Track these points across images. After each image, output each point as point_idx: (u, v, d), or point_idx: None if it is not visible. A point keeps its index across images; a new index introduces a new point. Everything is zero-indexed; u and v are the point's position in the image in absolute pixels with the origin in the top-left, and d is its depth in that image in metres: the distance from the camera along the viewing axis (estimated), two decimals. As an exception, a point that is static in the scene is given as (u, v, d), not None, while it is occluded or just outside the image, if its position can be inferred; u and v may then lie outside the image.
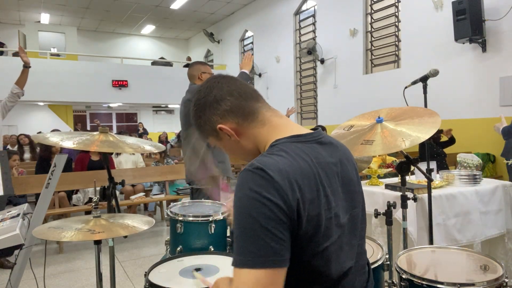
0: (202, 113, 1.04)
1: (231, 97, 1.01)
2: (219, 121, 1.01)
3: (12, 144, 8.97)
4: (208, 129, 1.04)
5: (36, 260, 3.92)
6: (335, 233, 0.92)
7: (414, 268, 1.46)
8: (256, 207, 0.82)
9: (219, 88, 1.02)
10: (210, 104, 1.02)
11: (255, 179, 0.84)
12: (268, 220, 0.81)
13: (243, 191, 0.84)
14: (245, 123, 1.01)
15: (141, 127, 13.54)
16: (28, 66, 3.14)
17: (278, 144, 0.95)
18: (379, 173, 3.00)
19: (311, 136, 0.99)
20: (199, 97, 1.04)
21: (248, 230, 0.81)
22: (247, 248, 0.81)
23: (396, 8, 7.46)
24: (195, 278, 1.39)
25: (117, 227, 1.58)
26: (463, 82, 6.13)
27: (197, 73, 3.02)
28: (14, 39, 12.86)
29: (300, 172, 0.87)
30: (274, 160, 0.87)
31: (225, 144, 1.06)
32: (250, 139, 1.02)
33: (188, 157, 3.00)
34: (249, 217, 0.81)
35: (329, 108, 9.03)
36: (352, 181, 1.02)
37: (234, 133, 1.01)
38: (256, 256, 0.80)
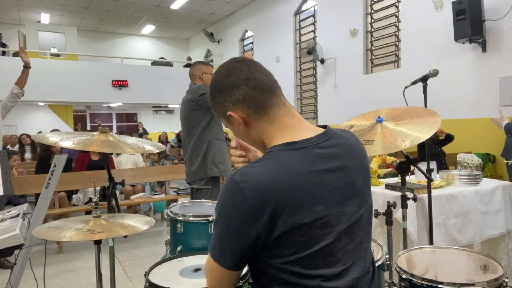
0: (216, 95, 1.04)
1: (246, 87, 0.99)
2: (230, 107, 1.01)
3: (12, 144, 8.96)
4: (220, 112, 1.06)
5: (36, 260, 3.92)
6: (323, 240, 0.92)
7: (414, 268, 1.46)
8: (228, 217, 0.91)
9: (237, 74, 1.00)
10: (224, 89, 1.01)
11: (233, 192, 0.90)
12: (235, 228, 0.91)
13: (222, 196, 0.93)
14: (255, 116, 1.01)
15: (140, 127, 13.55)
16: (28, 67, 3.15)
17: (271, 152, 0.96)
18: (379, 173, 3.01)
19: (310, 141, 0.97)
20: (216, 79, 1.04)
21: (218, 231, 0.94)
22: (214, 242, 0.96)
23: (396, 8, 7.46)
24: (195, 278, 1.39)
25: (117, 227, 1.58)
26: (463, 82, 6.13)
27: (199, 73, 3.02)
28: (14, 39, 12.86)
29: (281, 185, 0.89)
30: (256, 173, 0.90)
31: (235, 130, 1.08)
32: (257, 132, 1.03)
33: (188, 157, 3.00)
34: (220, 222, 0.94)
35: (329, 108, 9.03)
36: (354, 185, 0.99)
37: (242, 122, 1.01)
38: (216, 251, 0.96)
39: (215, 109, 1.07)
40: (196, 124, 2.91)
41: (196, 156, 2.93)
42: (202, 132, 2.89)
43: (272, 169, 0.90)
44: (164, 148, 2.05)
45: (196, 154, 2.94)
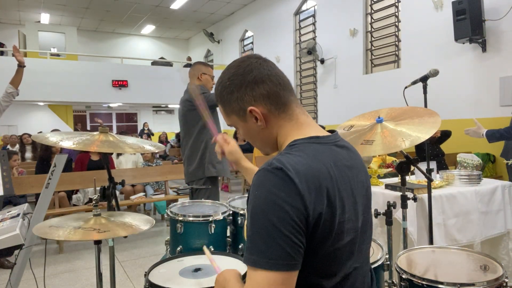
0: (236, 89, 0.99)
1: (271, 83, 0.98)
2: (251, 102, 0.98)
3: (12, 144, 8.97)
4: (235, 107, 1.00)
5: (36, 260, 3.92)
6: (346, 237, 0.91)
7: (414, 268, 1.45)
8: (273, 210, 0.81)
9: (260, 70, 0.99)
10: (248, 83, 0.98)
11: (274, 180, 0.83)
12: (284, 224, 0.81)
13: (261, 192, 0.84)
14: (276, 112, 0.99)
15: (146, 127, 13.56)
16: (23, 66, 3.12)
17: (296, 144, 0.94)
18: (379, 173, 3.00)
19: (329, 138, 0.98)
20: (237, 72, 0.99)
21: (264, 232, 0.81)
22: (261, 249, 0.81)
23: (396, 8, 7.46)
24: (195, 278, 1.39)
25: (117, 227, 1.58)
26: (463, 82, 6.13)
27: (198, 73, 3.02)
28: (14, 39, 12.86)
29: (318, 174, 0.86)
30: (293, 161, 0.86)
31: (247, 127, 1.02)
32: (274, 129, 1.01)
33: (187, 157, 3.00)
34: (266, 219, 0.81)
35: (329, 108, 9.03)
36: (364, 186, 1.01)
37: (263, 118, 0.99)
38: (270, 259, 0.80)
39: (230, 104, 1.01)
40: (193, 124, 2.92)
41: (194, 156, 2.94)
42: (200, 132, 2.90)
43: (304, 158, 0.88)
44: (163, 148, 2.05)
45: (194, 154, 2.94)
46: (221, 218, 1.91)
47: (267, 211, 0.82)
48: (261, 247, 0.81)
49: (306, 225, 0.83)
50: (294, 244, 0.82)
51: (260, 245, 0.82)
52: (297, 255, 0.82)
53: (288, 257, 0.81)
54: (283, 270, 0.80)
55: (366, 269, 1.04)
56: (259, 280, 0.80)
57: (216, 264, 1.25)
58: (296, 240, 0.82)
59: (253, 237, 0.83)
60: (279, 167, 0.84)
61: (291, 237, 0.81)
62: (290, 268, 0.81)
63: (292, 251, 0.81)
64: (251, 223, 0.84)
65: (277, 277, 0.80)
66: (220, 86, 1.03)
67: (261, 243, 0.81)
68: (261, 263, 0.81)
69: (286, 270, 0.81)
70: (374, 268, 1.40)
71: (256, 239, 0.82)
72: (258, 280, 0.81)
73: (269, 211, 0.81)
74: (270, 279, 0.80)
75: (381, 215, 1.97)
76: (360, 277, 0.99)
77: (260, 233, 0.82)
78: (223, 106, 1.04)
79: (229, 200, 2.15)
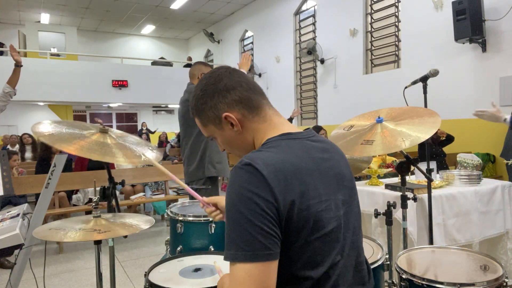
0: (209, 98, 1.03)
1: (241, 88, 1.03)
2: (225, 109, 1.02)
3: (12, 144, 8.97)
4: (211, 116, 1.04)
5: (36, 260, 3.92)
6: (328, 226, 0.93)
7: (414, 268, 1.45)
8: (244, 203, 0.85)
9: (230, 78, 1.04)
10: (219, 91, 1.02)
11: (243, 174, 0.87)
12: (256, 215, 0.84)
13: (233, 188, 0.88)
14: (250, 116, 1.03)
15: (144, 127, 13.55)
16: (19, 65, 3.10)
17: (269, 142, 0.98)
18: (379, 173, 3.00)
19: (301, 134, 1.02)
20: (208, 83, 1.04)
21: (237, 225, 0.84)
22: (237, 243, 0.84)
23: (396, 8, 7.46)
24: (195, 278, 1.39)
25: (117, 227, 1.58)
26: (463, 82, 6.13)
27: (198, 73, 3.03)
28: (14, 39, 12.86)
29: (287, 165, 0.90)
30: (262, 155, 0.90)
31: (224, 135, 1.06)
32: (250, 133, 1.04)
33: (186, 158, 3.00)
34: (238, 213, 0.85)
35: (329, 108, 9.03)
36: (345, 177, 1.04)
37: (238, 123, 1.02)
38: (246, 251, 0.83)
39: (205, 114, 1.05)
40: (193, 124, 2.91)
41: (194, 156, 2.94)
42: (200, 133, 2.90)
43: (276, 153, 0.92)
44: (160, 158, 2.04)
45: (193, 154, 2.94)
46: (221, 218, 1.90)
47: (239, 205, 0.85)
48: (237, 241, 0.84)
49: (278, 214, 0.86)
50: (267, 234, 0.84)
51: (235, 239, 0.84)
52: (272, 244, 0.84)
53: (263, 247, 0.83)
54: (260, 261, 0.82)
55: (359, 261, 1.04)
56: (239, 273, 0.82)
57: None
58: (268, 229, 0.84)
59: (229, 232, 0.86)
60: (248, 163, 0.88)
61: (263, 227, 0.84)
62: (267, 258, 0.83)
63: (266, 241, 0.83)
64: (226, 219, 0.87)
65: (255, 268, 0.82)
66: (194, 99, 1.07)
67: (235, 237, 0.84)
68: (238, 257, 0.83)
69: (263, 261, 0.83)
70: (374, 268, 1.40)
71: (231, 234, 0.85)
72: (238, 273, 0.83)
73: (240, 205, 0.85)
74: (249, 270, 0.82)
75: (381, 215, 1.97)
76: (349, 268, 1.00)
77: (234, 228, 0.85)
78: (199, 117, 1.07)
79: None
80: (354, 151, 1.81)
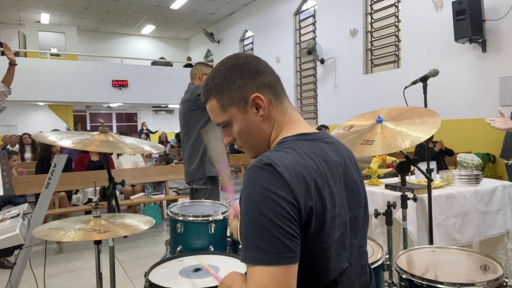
0: (239, 77, 0.97)
1: (270, 73, 1.01)
2: (254, 91, 0.97)
3: (12, 144, 8.97)
4: (236, 97, 0.97)
5: (36, 260, 3.92)
6: (337, 232, 0.92)
7: (414, 268, 1.45)
8: (267, 204, 0.81)
9: (258, 61, 1.01)
10: (250, 71, 0.98)
11: (265, 175, 0.84)
12: (280, 217, 0.81)
13: (253, 188, 0.84)
14: (275, 103, 1.00)
15: (145, 127, 13.56)
16: (14, 64, 3.08)
17: (285, 141, 0.95)
18: (379, 173, 3.00)
19: (317, 135, 1.00)
20: (237, 62, 0.99)
21: (260, 228, 0.81)
22: (259, 245, 0.80)
23: (396, 8, 7.46)
24: (195, 278, 1.39)
25: (117, 227, 1.58)
26: (463, 82, 6.13)
27: (199, 73, 3.03)
28: (14, 39, 12.86)
29: (307, 170, 0.87)
30: (282, 156, 0.87)
31: (246, 120, 0.99)
32: (271, 123, 1.00)
33: (187, 157, 3.00)
34: (261, 215, 0.81)
35: (329, 108, 9.03)
36: (355, 181, 1.02)
37: (267, 107, 0.98)
38: (270, 254, 0.80)
39: (231, 93, 0.97)
40: (194, 124, 2.92)
41: (194, 156, 2.94)
42: (200, 132, 2.90)
43: (294, 154, 0.89)
44: (163, 148, 2.05)
45: (194, 154, 2.94)
46: (221, 218, 1.91)
47: (261, 206, 0.81)
48: (260, 243, 0.80)
49: (299, 218, 0.83)
50: (291, 237, 0.81)
51: (258, 241, 0.81)
52: (295, 247, 0.82)
53: (287, 250, 0.80)
54: (284, 264, 0.80)
55: (362, 264, 1.04)
56: (262, 276, 0.79)
57: (213, 272, 1.27)
58: (293, 232, 0.82)
59: (250, 234, 0.82)
60: (268, 163, 0.85)
61: (288, 230, 0.81)
62: (290, 261, 0.81)
63: (290, 244, 0.81)
64: (246, 221, 0.83)
65: (279, 272, 0.79)
66: (217, 78, 0.99)
67: (259, 239, 0.81)
68: (262, 259, 0.80)
69: (287, 264, 0.80)
70: (374, 268, 1.40)
71: (253, 236, 0.82)
72: (260, 277, 0.79)
73: (263, 206, 0.81)
74: (272, 274, 0.79)
75: (381, 215, 1.96)
76: (356, 273, 1.00)
77: (257, 229, 0.81)
78: (221, 98, 0.99)
79: (229, 200, 2.15)
80: (354, 151, 1.81)
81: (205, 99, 1.03)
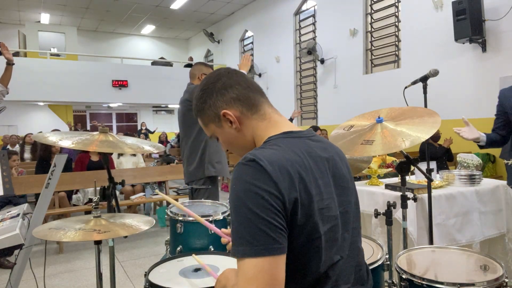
0: (208, 97, 1.06)
1: (239, 86, 1.05)
2: (223, 107, 1.04)
3: (12, 144, 8.97)
4: (211, 115, 1.06)
5: (36, 260, 3.92)
6: (327, 224, 0.94)
7: (414, 268, 1.45)
8: (251, 198, 0.85)
9: (228, 77, 1.06)
10: (218, 89, 1.05)
11: (248, 170, 0.88)
12: (263, 209, 0.84)
13: (238, 184, 0.88)
14: (248, 113, 1.04)
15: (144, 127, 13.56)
16: (11, 63, 3.06)
17: (271, 140, 0.99)
18: (379, 173, 3.00)
19: (302, 133, 1.03)
20: (207, 82, 1.07)
21: (245, 221, 0.84)
22: (246, 238, 0.83)
23: (396, 8, 7.46)
24: (195, 278, 1.39)
25: (117, 227, 1.58)
26: (463, 82, 6.13)
27: (198, 73, 3.03)
28: (14, 39, 12.86)
29: (290, 163, 0.90)
30: (265, 152, 0.91)
31: (224, 133, 1.07)
32: (249, 131, 1.05)
33: (186, 157, 3.00)
34: (245, 208, 0.84)
35: (329, 108, 9.03)
36: (344, 177, 1.04)
37: (237, 121, 1.03)
38: (255, 245, 0.82)
39: (205, 113, 1.07)
40: (193, 124, 2.92)
41: (194, 156, 2.94)
42: (199, 132, 2.90)
43: (278, 150, 0.93)
44: (163, 148, 2.05)
45: (193, 154, 2.94)
46: (221, 218, 1.91)
47: (246, 200, 0.85)
48: (246, 236, 0.83)
49: (284, 209, 0.86)
50: (276, 228, 0.84)
51: (244, 234, 0.83)
52: (281, 238, 0.84)
53: (272, 241, 0.83)
54: (270, 255, 0.82)
55: (357, 261, 1.05)
56: (249, 268, 0.82)
57: (210, 269, 1.28)
58: (277, 223, 0.84)
59: (237, 228, 0.85)
60: (252, 159, 0.88)
61: (272, 221, 0.84)
62: (276, 252, 0.83)
63: (275, 235, 0.83)
64: (233, 216, 0.87)
65: (266, 262, 0.82)
66: (195, 100, 1.10)
67: (244, 232, 0.83)
68: (248, 252, 0.82)
69: (273, 255, 0.82)
70: (374, 268, 1.40)
71: (239, 230, 0.85)
72: (247, 269, 0.82)
73: (247, 200, 0.85)
74: (259, 265, 0.81)
75: (381, 215, 1.97)
76: (350, 268, 1.01)
77: (242, 223, 0.84)
78: (201, 117, 1.09)
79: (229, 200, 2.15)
80: (354, 151, 1.81)
81: (195, 116, 1.14)
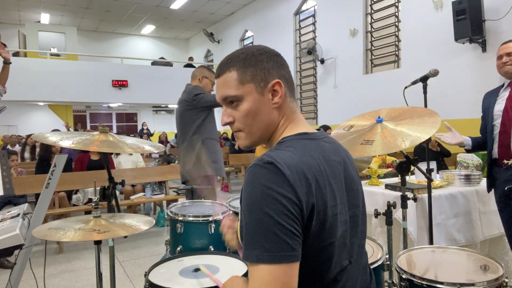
0: (266, 61, 0.98)
1: (289, 71, 1.04)
2: (276, 77, 0.98)
3: (12, 144, 8.97)
4: (259, 76, 0.97)
5: (36, 260, 3.92)
6: (339, 230, 0.92)
7: (414, 268, 1.45)
8: (269, 202, 0.81)
9: (283, 59, 1.04)
10: (276, 61, 1.00)
11: (266, 174, 0.84)
12: (282, 216, 0.81)
13: (254, 187, 0.84)
14: (289, 98, 1.02)
15: (145, 126, 13.57)
16: (8, 62, 3.05)
17: (286, 140, 0.96)
18: (379, 173, 3.00)
19: (316, 135, 1.01)
20: (267, 50, 1.01)
21: (261, 226, 0.81)
22: (261, 243, 0.80)
23: (396, 8, 7.46)
24: (195, 278, 1.39)
25: (117, 227, 1.57)
26: (463, 82, 6.13)
27: (200, 75, 3.06)
28: (14, 39, 12.86)
29: (308, 167, 0.88)
30: (283, 155, 0.87)
31: (258, 101, 0.97)
32: (281, 113, 1.01)
33: (183, 157, 3.01)
34: (262, 213, 0.81)
35: (329, 108, 9.03)
36: (354, 180, 1.03)
37: (284, 95, 0.99)
38: (271, 252, 0.80)
39: (255, 70, 0.97)
40: (190, 123, 2.93)
41: (190, 155, 2.95)
42: (196, 132, 2.92)
43: (294, 153, 0.90)
44: (163, 148, 2.05)
45: (190, 153, 2.95)
46: (221, 218, 1.90)
47: (263, 204, 0.81)
48: (261, 242, 0.80)
49: (301, 216, 0.84)
50: (293, 235, 0.82)
51: (259, 239, 0.81)
52: (297, 246, 0.82)
53: (289, 249, 0.80)
54: (286, 262, 0.80)
55: (362, 264, 1.04)
56: (263, 275, 0.79)
57: (215, 278, 1.27)
58: (294, 230, 0.82)
59: (251, 232, 0.82)
60: (270, 161, 0.85)
61: (290, 228, 0.81)
62: (292, 260, 0.81)
63: (292, 242, 0.81)
64: (248, 219, 0.83)
65: (281, 270, 0.79)
66: (244, 54, 0.98)
67: (260, 237, 0.81)
68: (263, 258, 0.80)
69: (289, 262, 0.80)
70: (374, 268, 1.40)
71: (254, 234, 0.82)
72: (261, 275, 0.79)
73: (264, 205, 0.81)
74: (274, 272, 0.79)
75: (381, 215, 1.96)
76: (357, 272, 1.00)
77: (259, 228, 0.81)
78: (244, 72, 0.97)
79: (229, 200, 2.15)
80: (354, 151, 1.81)
81: (223, 70, 1.01)
